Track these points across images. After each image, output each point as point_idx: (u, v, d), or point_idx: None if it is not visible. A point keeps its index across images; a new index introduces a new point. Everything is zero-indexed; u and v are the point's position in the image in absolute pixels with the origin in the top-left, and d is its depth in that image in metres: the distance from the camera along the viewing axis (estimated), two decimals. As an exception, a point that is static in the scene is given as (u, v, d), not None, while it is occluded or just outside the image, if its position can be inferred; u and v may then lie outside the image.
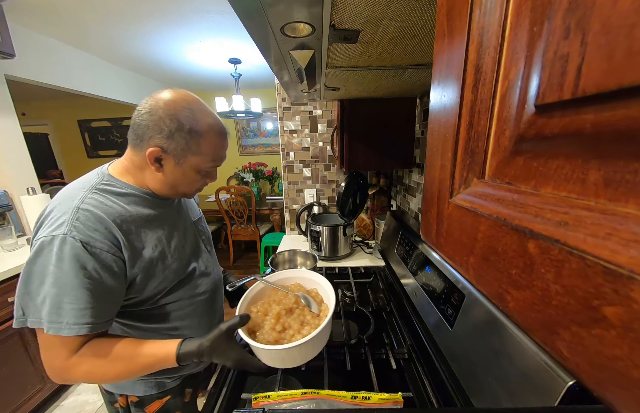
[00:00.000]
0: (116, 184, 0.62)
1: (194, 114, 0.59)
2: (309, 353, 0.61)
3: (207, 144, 0.61)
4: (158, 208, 0.67)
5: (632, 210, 0.11)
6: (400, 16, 0.42)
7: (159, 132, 0.57)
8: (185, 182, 0.65)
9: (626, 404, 0.11)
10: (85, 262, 0.52)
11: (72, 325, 0.52)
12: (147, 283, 0.63)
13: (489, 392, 0.51)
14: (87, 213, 0.54)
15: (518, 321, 0.17)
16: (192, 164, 0.62)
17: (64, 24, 2.01)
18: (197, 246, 0.79)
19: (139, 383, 0.72)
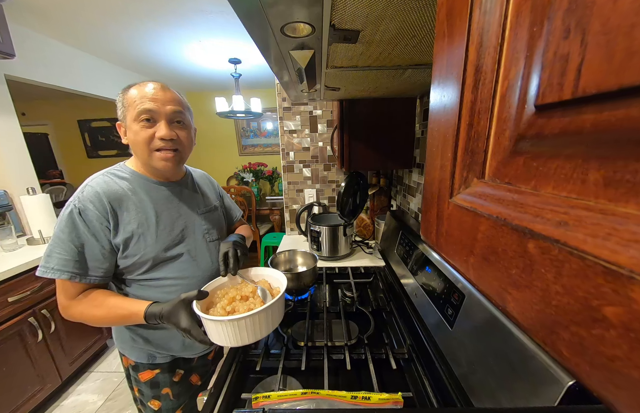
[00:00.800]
0: (123, 170, 0.77)
1: (131, 84, 0.72)
2: (249, 332, 0.64)
3: (133, 93, 0.70)
4: (153, 192, 0.77)
5: (632, 210, 0.11)
6: (400, 16, 0.42)
7: (117, 111, 0.73)
8: (134, 138, 0.71)
9: (626, 404, 0.11)
10: (77, 225, 0.67)
11: (55, 270, 0.65)
12: (128, 254, 0.73)
13: (489, 392, 0.51)
14: (90, 189, 0.69)
15: (518, 321, 0.17)
16: (130, 118, 0.70)
17: (64, 24, 2.00)
18: (190, 233, 0.83)
19: (133, 349, 0.82)
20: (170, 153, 0.74)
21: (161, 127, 0.71)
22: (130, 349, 0.82)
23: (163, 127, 0.71)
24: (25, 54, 1.98)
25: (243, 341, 0.65)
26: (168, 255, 0.78)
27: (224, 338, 0.64)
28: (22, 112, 4.00)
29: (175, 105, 0.73)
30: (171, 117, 0.72)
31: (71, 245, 0.66)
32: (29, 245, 1.76)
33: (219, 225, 0.93)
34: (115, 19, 1.96)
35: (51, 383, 1.66)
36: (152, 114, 0.70)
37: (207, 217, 0.89)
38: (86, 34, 2.18)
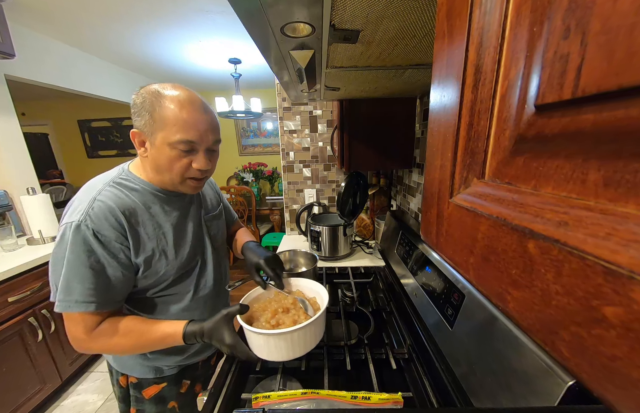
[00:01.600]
0: (131, 179, 0.68)
1: (158, 87, 0.61)
2: (296, 346, 0.62)
3: (170, 112, 0.59)
4: (167, 204, 0.71)
5: (632, 210, 0.11)
6: (400, 16, 0.42)
7: (134, 114, 0.62)
8: (164, 162, 0.62)
9: (626, 404, 0.11)
10: (95, 248, 0.58)
11: (80, 303, 0.58)
12: (148, 274, 0.67)
13: (489, 392, 0.51)
14: (101, 204, 0.60)
15: (518, 321, 0.17)
16: (162, 139, 0.60)
17: (64, 24, 2.00)
18: (202, 243, 0.79)
19: (138, 365, 0.75)
20: (202, 181, 0.70)
21: (200, 158, 0.64)
22: (132, 367, 0.76)
23: (202, 159, 0.64)
24: (25, 54, 1.98)
25: (292, 355, 0.62)
26: (184, 270, 0.74)
27: (272, 353, 0.61)
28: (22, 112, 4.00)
29: (216, 133, 0.67)
30: (211, 147, 0.66)
31: (91, 271, 0.58)
32: (29, 245, 1.76)
33: (222, 229, 0.91)
34: (115, 19, 1.96)
35: (51, 383, 1.66)
36: (192, 145, 0.62)
37: (212, 222, 0.85)
38: (86, 34, 2.18)
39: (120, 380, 0.78)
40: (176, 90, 0.61)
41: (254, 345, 0.62)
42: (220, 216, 0.90)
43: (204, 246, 0.80)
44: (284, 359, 0.62)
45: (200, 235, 0.79)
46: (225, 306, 0.89)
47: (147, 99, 0.60)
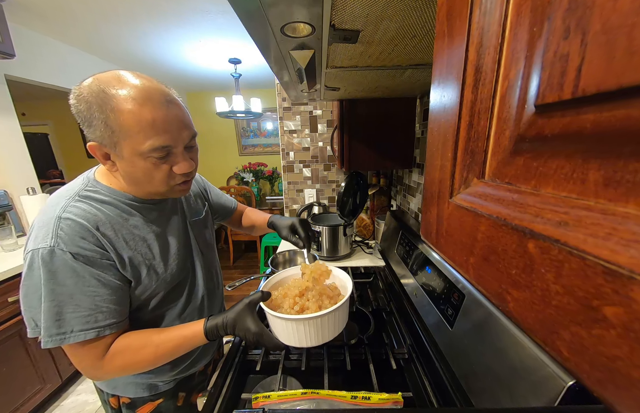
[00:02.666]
0: (100, 189, 0.59)
1: (102, 86, 0.48)
2: (324, 331, 0.61)
3: (128, 117, 0.48)
4: (146, 213, 0.63)
5: (632, 210, 0.11)
6: (400, 16, 0.42)
7: (82, 124, 0.51)
8: (140, 175, 0.55)
9: (626, 404, 0.11)
10: (80, 271, 0.52)
11: (78, 332, 0.52)
12: (138, 292, 0.61)
13: (489, 392, 0.51)
14: (69, 222, 0.52)
15: (518, 321, 0.17)
16: (129, 150, 0.51)
17: (64, 24, 2.00)
18: (189, 250, 0.74)
19: (130, 385, 0.70)
20: (189, 182, 0.63)
21: (180, 162, 0.57)
22: (125, 387, 0.71)
23: (183, 162, 0.57)
24: (25, 54, 1.98)
25: (321, 339, 0.61)
26: (176, 281, 0.69)
27: (301, 339, 0.59)
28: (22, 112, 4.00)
29: (190, 127, 0.58)
30: (187, 144, 0.58)
31: (82, 297, 0.52)
32: (29, 245, 1.76)
33: (210, 232, 0.85)
34: (115, 19, 1.96)
35: (51, 383, 1.66)
36: (167, 149, 0.54)
37: (198, 226, 0.79)
38: (86, 34, 2.18)
39: (111, 401, 0.72)
40: (126, 82, 0.50)
41: (280, 333, 0.61)
42: (207, 219, 0.84)
43: (192, 254, 0.75)
44: (312, 345, 0.60)
45: (187, 242, 0.73)
46: (219, 309, 0.87)
47: (93, 103, 0.48)
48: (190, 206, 0.78)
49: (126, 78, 0.50)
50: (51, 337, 0.51)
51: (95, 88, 0.49)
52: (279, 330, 0.61)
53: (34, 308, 0.52)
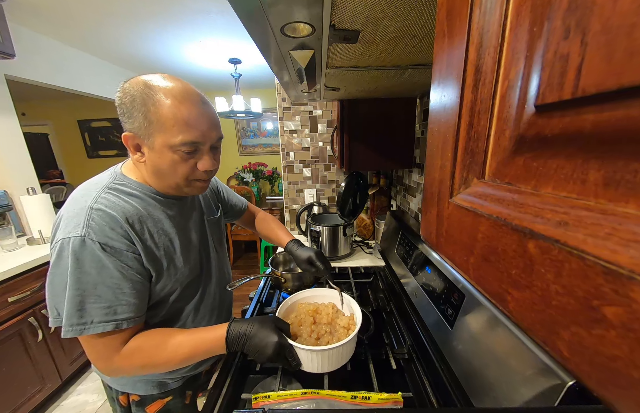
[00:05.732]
0: (128, 183, 0.61)
1: (148, 83, 0.53)
2: (337, 360, 0.66)
3: (167, 110, 0.52)
4: (168, 208, 0.66)
5: (632, 210, 0.11)
6: (400, 16, 0.42)
7: (123, 115, 0.55)
8: (166, 167, 0.57)
9: (626, 404, 0.11)
10: (106, 262, 0.53)
11: (97, 323, 0.53)
12: (158, 286, 0.63)
13: (489, 392, 0.51)
14: (100, 213, 0.54)
15: (518, 321, 0.17)
16: (161, 142, 0.54)
17: (63, 24, 2.00)
18: (206, 247, 0.77)
19: (140, 383, 0.71)
20: (208, 181, 0.65)
21: (205, 159, 0.60)
22: (134, 384, 0.72)
23: (208, 159, 0.60)
24: (25, 54, 1.98)
25: (333, 366, 0.65)
26: (192, 277, 0.70)
27: (315, 366, 0.64)
28: (22, 112, 4.00)
29: (219, 129, 0.62)
30: (214, 144, 0.61)
31: (104, 288, 0.53)
32: (29, 245, 1.76)
33: (223, 231, 0.88)
34: (115, 19, 1.96)
35: (51, 383, 1.66)
36: (197, 146, 0.57)
37: (213, 223, 0.81)
38: (86, 33, 2.18)
39: (121, 398, 0.74)
40: (169, 82, 0.55)
41: (304, 358, 0.65)
42: (221, 218, 0.88)
43: (208, 250, 0.78)
44: (324, 371, 0.65)
45: (204, 239, 0.77)
46: (229, 307, 0.89)
47: (137, 97, 0.52)
48: (207, 204, 0.81)
49: (169, 78, 0.56)
50: (72, 326, 0.52)
51: (141, 84, 0.53)
52: (299, 358, 0.65)
53: (57, 297, 0.53)
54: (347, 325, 0.73)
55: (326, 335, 0.70)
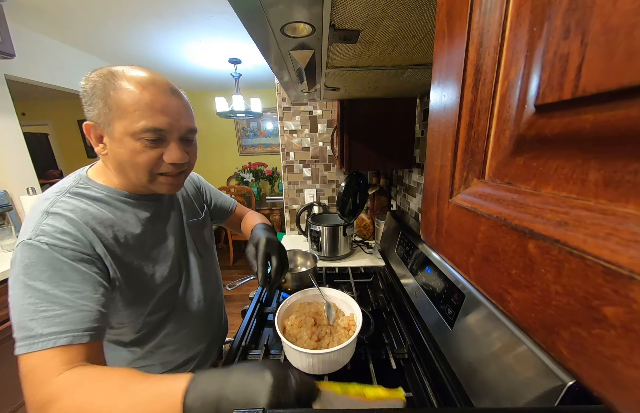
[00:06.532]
0: (92, 186, 0.56)
1: (112, 70, 0.50)
2: (340, 359, 0.67)
3: (128, 95, 0.49)
4: (140, 211, 0.61)
5: (632, 210, 0.11)
6: (400, 16, 0.42)
7: (85, 105, 0.51)
8: (126, 157, 0.52)
9: (626, 404, 0.11)
10: (58, 267, 0.46)
11: (47, 336, 0.43)
12: (127, 295, 0.57)
13: (489, 392, 0.51)
14: (56, 216, 0.49)
15: (518, 321, 0.17)
16: (121, 129, 0.50)
17: (64, 24, 2.00)
18: (185, 253, 0.71)
19: None
20: (178, 177, 0.59)
21: (172, 149, 0.54)
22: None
23: (175, 149, 0.54)
24: (25, 54, 1.98)
25: (336, 367, 0.67)
26: (168, 286, 0.64)
27: (324, 368, 0.65)
28: (22, 112, 4.00)
29: (190, 120, 0.57)
30: (184, 135, 0.56)
31: (58, 292, 0.45)
32: (29, 245, 1.76)
33: (209, 235, 0.82)
34: (115, 19, 1.96)
35: (51, 383, 1.66)
36: (161, 133, 0.52)
37: (195, 226, 0.75)
38: (86, 33, 2.18)
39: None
40: (136, 70, 0.51)
41: (299, 363, 0.66)
42: (206, 221, 0.81)
43: (188, 256, 0.71)
44: (324, 372, 0.66)
45: (183, 244, 0.70)
46: (219, 314, 0.83)
47: (99, 83, 0.49)
48: (187, 207, 0.75)
49: (138, 67, 0.52)
50: (24, 342, 0.43)
51: (105, 71, 0.51)
52: (298, 361, 0.66)
53: (15, 310, 0.46)
54: (347, 326, 0.73)
55: (327, 336, 0.70)
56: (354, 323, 0.74)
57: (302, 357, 0.65)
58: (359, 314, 0.74)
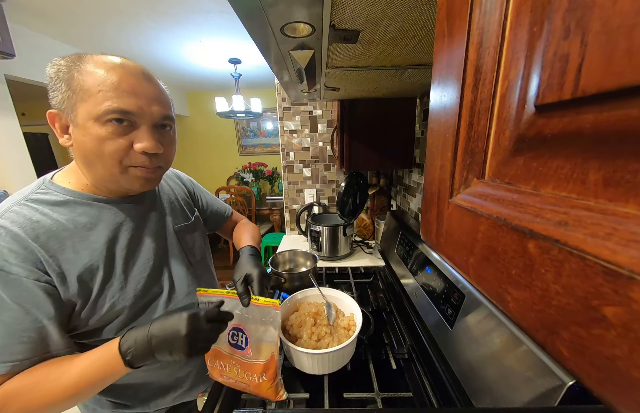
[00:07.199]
0: (53, 190, 0.51)
1: (80, 54, 0.48)
2: (336, 362, 0.67)
3: (93, 77, 0.45)
4: (108, 214, 0.54)
5: (632, 210, 0.11)
6: (400, 16, 0.42)
7: (50, 91, 0.48)
8: (92, 144, 0.46)
9: (626, 404, 0.11)
10: (0, 292, 0.43)
11: None
12: (93, 311, 0.51)
13: (489, 392, 0.51)
14: (1, 230, 0.44)
15: (518, 321, 0.17)
16: (84, 113, 0.45)
17: (64, 24, 2.00)
18: (167, 261, 0.64)
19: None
20: (153, 172, 0.53)
21: (143, 135, 0.48)
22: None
23: (146, 135, 0.49)
24: (25, 54, 1.98)
25: (334, 368, 0.67)
26: (146, 299, 0.58)
27: (316, 368, 0.66)
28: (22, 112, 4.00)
29: (165, 107, 0.52)
30: (157, 122, 0.51)
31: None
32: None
33: (200, 241, 0.74)
34: (115, 19, 1.96)
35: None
36: (130, 117, 0.47)
37: (184, 231, 0.69)
38: (86, 33, 2.18)
39: None
40: (106, 55, 0.48)
41: (301, 363, 0.67)
42: (197, 225, 0.74)
43: (170, 265, 0.64)
44: (324, 372, 0.67)
45: (164, 251, 0.64)
46: None
47: (63, 66, 0.46)
48: (174, 211, 0.68)
49: (110, 54, 0.48)
50: None
51: (73, 55, 0.47)
52: (298, 360, 0.67)
53: None
54: (347, 326, 0.73)
55: (327, 336, 0.70)
56: (354, 323, 0.74)
57: (302, 357, 0.65)
58: (359, 314, 0.74)
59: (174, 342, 0.47)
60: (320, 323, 0.74)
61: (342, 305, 0.81)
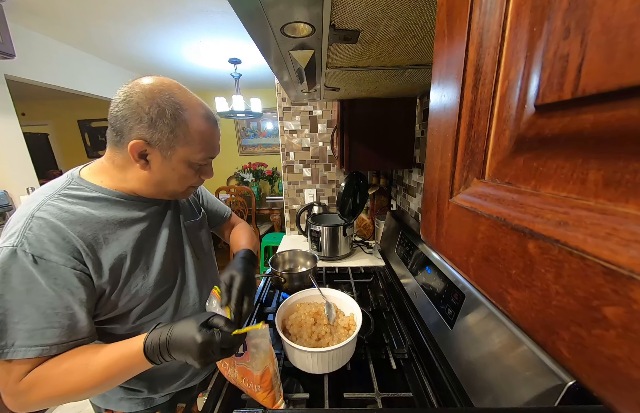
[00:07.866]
0: (85, 186, 0.56)
1: (175, 97, 0.53)
2: (340, 359, 0.68)
3: (196, 130, 0.55)
4: (136, 210, 0.60)
5: (632, 210, 0.11)
6: (400, 16, 0.42)
7: (139, 122, 0.51)
8: (176, 179, 0.58)
9: (626, 404, 0.11)
10: (38, 278, 0.46)
11: (18, 347, 0.45)
12: (118, 298, 0.57)
13: (489, 392, 0.51)
14: (41, 222, 0.48)
15: (518, 321, 0.17)
16: (182, 156, 0.55)
17: (64, 24, 2.00)
18: (182, 254, 0.70)
19: (124, 400, 0.67)
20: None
21: (209, 169, 0.64)
22: (118, 401, 0.67)
23: (210, 169, 0.64)
24: (25, 54, 1.98)
25: (334, 367, 0.68)
26: (163, 289, 0.64)
27: (316, 367, 0.66)
28: (22, 112, 4.00)
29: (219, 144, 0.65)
30: None
31: (32, 308, 0.46)
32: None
33: (206, 237, 0.81)
34: (115, 19, 1.96)
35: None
36: (209, 160, 0.62)
37: (193, 227, 0.75)
38: (86, 33, 2.18)
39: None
40: (196, 102, 0.57)
41: (297, 360, 0.67)
42: (203, 222, 0.81)
43: (184, 257, 0.71)
44: (324, 372, 0.67)
45: (179, 245, 0.70)
46: None
47: (167, 111, 0.51)
48: (185, 208, 0.75)
49: (187, 92, 0.57)
50: None
51: (168, 96, 0.53)
52: (298, 359, 0.67)
53: None
54: (347, 326, 0.73)
55: (327, 335, 0.70)
56: (353, 323, 0.74)
57: (302, 356, 0.65)
58: (359, 314, 0.74)
59: (187, 356, 0.51)
60: (320, 322, 0.74)
61: (342, 305, 0.81)
